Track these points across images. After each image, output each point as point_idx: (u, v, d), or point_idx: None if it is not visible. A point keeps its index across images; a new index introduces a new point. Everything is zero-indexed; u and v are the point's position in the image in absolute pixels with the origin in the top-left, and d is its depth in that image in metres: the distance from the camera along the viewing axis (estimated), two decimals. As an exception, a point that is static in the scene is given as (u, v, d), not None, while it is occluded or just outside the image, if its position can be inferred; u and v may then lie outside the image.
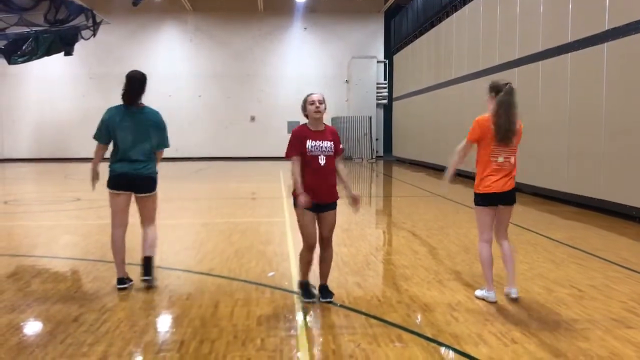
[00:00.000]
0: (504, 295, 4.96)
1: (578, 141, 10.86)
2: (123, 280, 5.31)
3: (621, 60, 9.54)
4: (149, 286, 5.28)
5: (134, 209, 5.43)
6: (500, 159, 4.80)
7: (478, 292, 5.02)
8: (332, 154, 4.74)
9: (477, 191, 4.89)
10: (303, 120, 4.94)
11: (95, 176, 5.46)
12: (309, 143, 4.67)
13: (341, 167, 4.93)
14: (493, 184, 4.79)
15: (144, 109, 5.40)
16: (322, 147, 4.69)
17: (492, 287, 4.88)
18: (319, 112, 4.73)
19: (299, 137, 4.72)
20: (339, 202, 4.89)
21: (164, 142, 5.50)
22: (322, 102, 4.76)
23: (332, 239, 4.92)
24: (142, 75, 5.41)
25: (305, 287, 4.90)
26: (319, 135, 4.75)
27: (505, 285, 5.00)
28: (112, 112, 5.38)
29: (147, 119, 5.37)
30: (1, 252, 7.10)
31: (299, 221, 4.76)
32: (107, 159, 5.43)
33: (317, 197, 4.67)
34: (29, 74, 28.22)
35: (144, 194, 5.37)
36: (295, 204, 4.70)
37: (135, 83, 5.34)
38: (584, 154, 10.63)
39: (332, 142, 4.75)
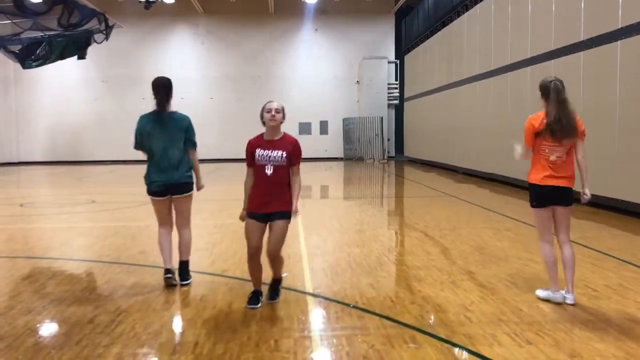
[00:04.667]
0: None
1: (591, 140, 10.61)
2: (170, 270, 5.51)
3: (635, 58, 9.45)
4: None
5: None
6: (553, 157, 4.77)
7: (541, 293, 4.93)
8: (283, 164, 4.63)
9: (530, 181, 4.87)
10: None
11: None
12: (257, 152, 4.65)
13: (294, 179, 4.74)
14: (542, 177, 4.78)
15: (173, 114, 5.49)
16: (269, 156, 4.61)
17: (558, 287, 4.79)
18: (274, 120, 4.65)
19: (249, 147, 4.73)
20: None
21: (191, 143, 5.55)
22: (279, 111, 4.67)
23: (278, 252, 4.76)
24: (168, 81, 5.48)
25: (251, 293, 4.88)
26: (271, 144, 4.67)
27: (562, 289, 4.89)
28: (143, 121, 5.48)
29: (175, 124, 5.45)
30: (17, 254, 7.18)
31: (245, 229, 4.75)
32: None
33: (261, 207, 4.66)
34: (43, 78, 28.50)
35: (180, 195, 5.53)
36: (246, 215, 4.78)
37: (161, 89, 5.41)
38: (598, 153, 10.53)
39: (283, 152, 4.62)
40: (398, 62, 30.02)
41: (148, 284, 5.54)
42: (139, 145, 5.52)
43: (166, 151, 5.38)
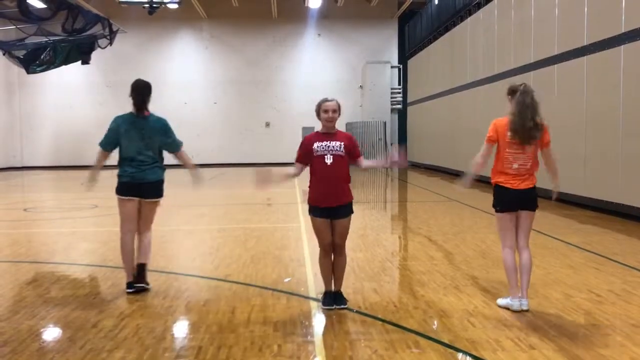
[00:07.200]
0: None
1: (595, 144, 10.76)
2: (132, 284, 5.45)
3: (638, 63, 9.44)
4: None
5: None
6: (515, 166, 4.72)
7: (501, 301, 4.90)
8: (341, 154, 4.73)
9: (494, 181, 4.83)
10: (317, 126, 4.91)
11: (92, 179, 5.75)
12: (316, 145, 4.72)
13: (365, 162, 4.98)
14: (507, 181, 4.75)
15: (149, 117, 5.50)
16: (328, 146, 4.71)
17: (517, 295, 4.74)
18: (332, 121, 4.78)
19: (307, 142, 4.81)
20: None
21: (174, 145, 5.59)
22: (336, 110, 4.76)
23: (344, 247, 4.92)
24: (146, 84, 5.50)
25: (325, 295, 4.94)
26: (328, 136, 4.79)
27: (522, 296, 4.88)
28: (118, 121, 5.50)
29: (151, 127, 5.46)
30: (21, 258, 7.20)
31: (313, 226, 4.85)
32: (113, 166, 5.55)
33: (325, 200, 4.73)
34: (47, 82, 28.60)
35: (150, 199, 5.50)
36: (310, 211, 4.84)
37: (140, 91, 5.44)
38: (601, 157, 10.53)
39: (341, 143, 4.75)
40: (401, 66, 30.05)
41: (152, 288, 5.54)
42: (109, 144, 5.47)
43: (140, 153, 5.38)
